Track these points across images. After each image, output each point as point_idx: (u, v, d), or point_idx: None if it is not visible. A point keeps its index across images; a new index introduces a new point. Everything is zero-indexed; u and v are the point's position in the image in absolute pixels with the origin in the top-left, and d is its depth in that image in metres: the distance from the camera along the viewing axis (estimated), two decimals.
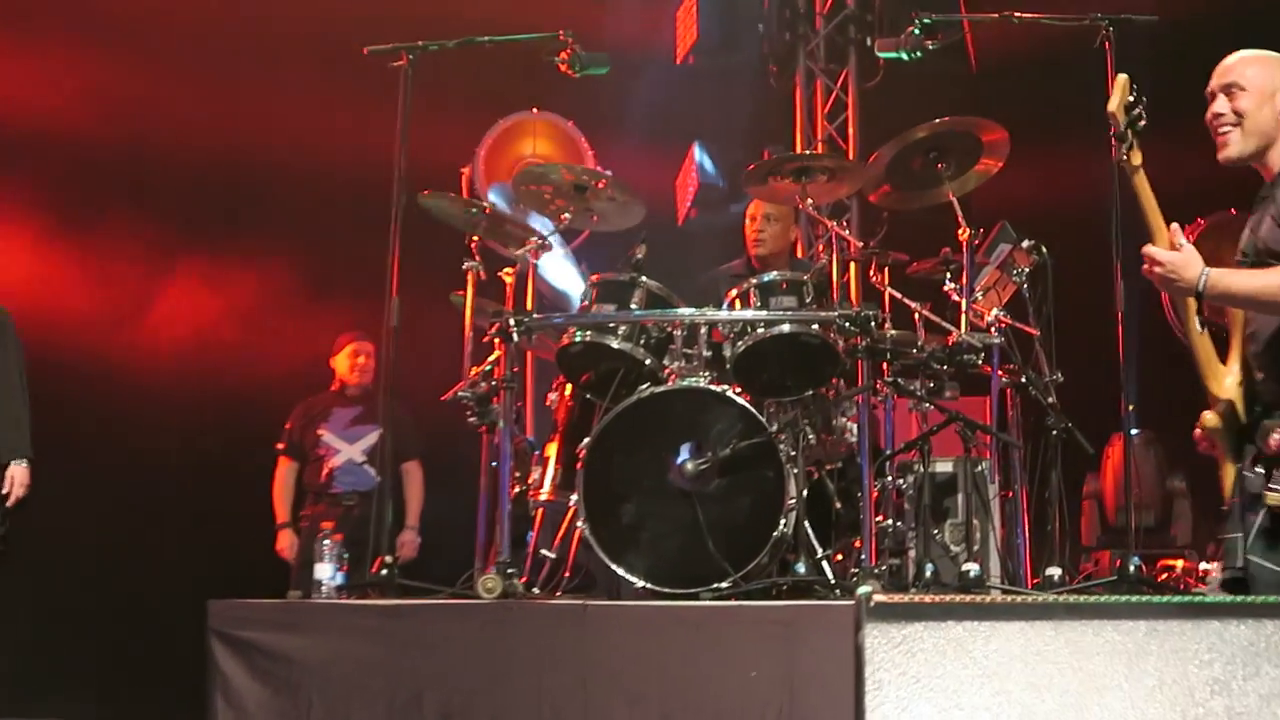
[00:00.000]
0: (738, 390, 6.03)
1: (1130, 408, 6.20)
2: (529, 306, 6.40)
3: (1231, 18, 8.66)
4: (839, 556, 6.31)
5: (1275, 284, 4.13)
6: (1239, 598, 2.73)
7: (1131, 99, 4.22)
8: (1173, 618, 2.68)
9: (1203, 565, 9.17)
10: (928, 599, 2.69)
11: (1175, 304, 4.41)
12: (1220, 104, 4.32)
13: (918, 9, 6.92)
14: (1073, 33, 6.35)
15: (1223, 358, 4.41)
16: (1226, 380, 4.34)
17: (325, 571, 6.09)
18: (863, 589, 2.64)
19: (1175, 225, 4.22)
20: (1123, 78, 4.25)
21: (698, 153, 10.56)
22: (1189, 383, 4.44)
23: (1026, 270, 6.75)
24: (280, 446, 8.54)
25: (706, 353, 6.17)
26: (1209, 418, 4.35)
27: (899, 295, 6.71)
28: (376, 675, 5.45)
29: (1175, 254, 4.15)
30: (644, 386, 6.08)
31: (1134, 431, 7.23)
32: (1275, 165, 4.31)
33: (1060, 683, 2.65)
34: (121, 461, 9.06)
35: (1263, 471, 4.16)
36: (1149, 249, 4.19)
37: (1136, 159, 4.23)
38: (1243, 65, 4.34)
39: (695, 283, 7.34)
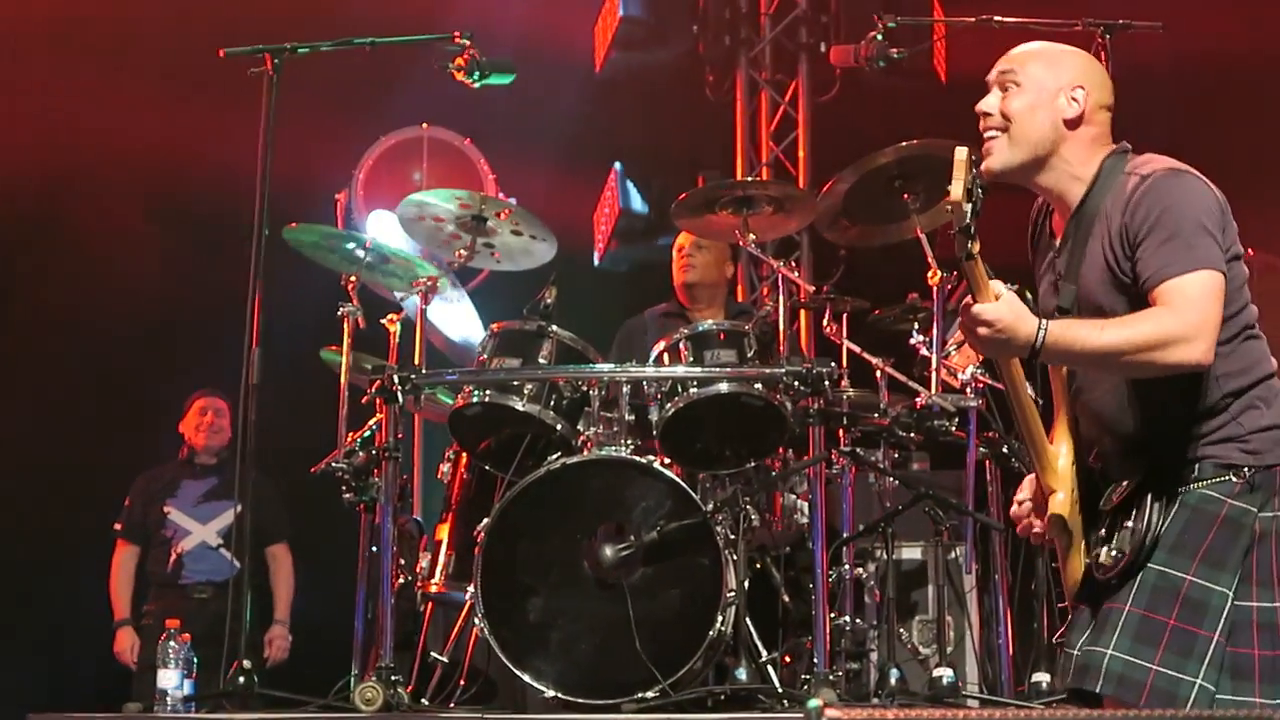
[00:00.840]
0: (666, 461, 6.04)
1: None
2: (417, 360, 6.39)
3: (1247, 24, 8.80)
4: (787, 660, 6.32)
5: (1137, 337, 3.71)
6: (1243, 712, 2.75)
7: (974, 175, 3.63)
8: None
9: None
10: (889, 714, 2.70)
11: (1001, 369, 3.94)
12: (990, 100, 4.01)
13: (881, 10, 6.94)
14: (1063, 40, 6.40)
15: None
16: (1059, 463, 3.99)
17: (170, 679, 6.03)
18: (813, 701, 2.65)
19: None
20: (962, 153, 3.64)
21: (619, 176, 10.58)
22: None
23: None
24: (118, 527, 8.40)
25: (629, 416, 6.18)
26: (1058, 504, 3.95)
27: (858, 349, 6.75)
28: None
29: (1001, 307, 3.69)
30: (554, 457, 6.09)
31: None
32: (1074, 196, 3.96)
33: None
34: None
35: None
36: (975, 306, 3.69)
37: (976, 247, 3.63)
38: (1026, 57, 4.06)
39: (614, 331, 7.37)
